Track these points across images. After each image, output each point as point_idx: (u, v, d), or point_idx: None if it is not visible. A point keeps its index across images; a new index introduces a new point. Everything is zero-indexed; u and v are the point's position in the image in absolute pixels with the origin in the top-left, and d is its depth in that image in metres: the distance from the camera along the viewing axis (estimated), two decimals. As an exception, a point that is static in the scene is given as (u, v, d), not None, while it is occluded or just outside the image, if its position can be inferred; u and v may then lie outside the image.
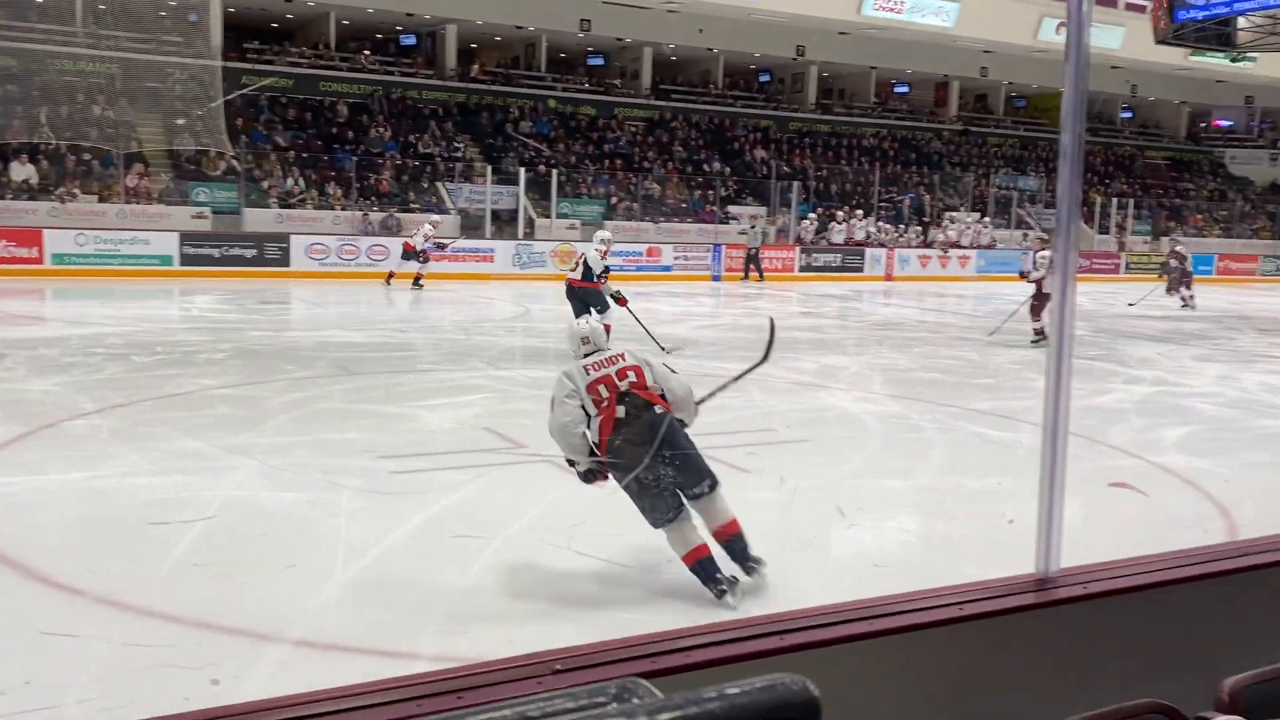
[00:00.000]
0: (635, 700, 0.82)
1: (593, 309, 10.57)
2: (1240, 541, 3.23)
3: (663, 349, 11.34)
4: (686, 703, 0.81)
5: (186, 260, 19.34)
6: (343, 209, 22.56)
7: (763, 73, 33.17)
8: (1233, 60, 22.94)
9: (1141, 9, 20.43)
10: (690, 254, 23.94)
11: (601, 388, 4.47)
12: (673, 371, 4.70)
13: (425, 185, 24.29)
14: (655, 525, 4.36)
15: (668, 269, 23.34)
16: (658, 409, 4.45)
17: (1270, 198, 36.37)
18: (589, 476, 4.51)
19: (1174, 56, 25.91)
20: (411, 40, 28.51)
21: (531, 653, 2.03)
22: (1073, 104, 2.50)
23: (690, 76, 31.73)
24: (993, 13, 26.85)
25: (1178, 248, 21.31)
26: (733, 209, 26.31)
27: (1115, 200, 31.19)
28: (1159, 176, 35.81)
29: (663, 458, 4.30)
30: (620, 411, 4.41)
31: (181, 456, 6.45)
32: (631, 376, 4.52)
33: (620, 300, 11.28)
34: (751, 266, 23.42)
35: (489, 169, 24.13)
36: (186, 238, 19.64)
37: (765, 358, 5.43)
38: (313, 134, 24.58)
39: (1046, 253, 13.00)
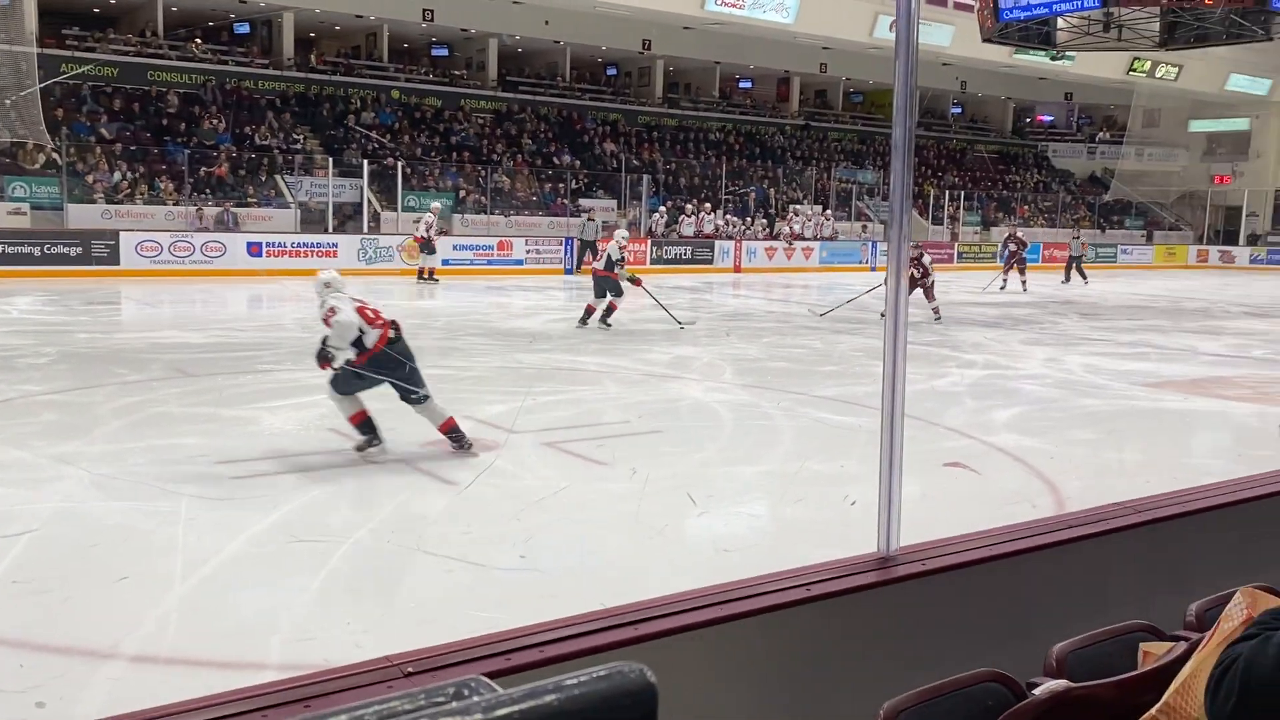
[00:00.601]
0: (475, 698, 0.80)
1: (608, 292, 13.63)
2: (1065, 515, 3.41)
3: (679, 324, 13.84)
4: (524, 696, 0.80)
5: (4, 259, 18.12)
6: (175, 204, 21.55)
7: (610, 66, 33.31)
8: (1053, 58, 24.25)
9: (970, 8, 21.34)
10: (542, 247, 23.85)
11: (369, 311, 6.42)
12: None
13: (263, 178, 23.43)
14: (340, 392, 6.47)
15: (519, 263, 23.20)
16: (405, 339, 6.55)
17: (1089, 189, 38.67)
18: (325, 358, 6.32)
19: (1000, 54, 27.28)
20: (245, 28, 27.43)
21: (381, 657, 1.98)
22: (904, 100, 2.59)
23: (537, 69, 31.59)
24: (831, 10, 27.64)
25: (1018, 233, 22.98)
26: (584, 202, 26.34)
27: (947, 192, 32.60)
28: (987, 169, 37.59)
29: (406, 369, 6.42)
30: (392, 333, 6.45)
31: (3, 468, 6.05)
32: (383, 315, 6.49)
33: (636, 282, 13.87)
34: (585, 258, 23.49)
35: (330, 161, 23.46)
36: (2, 235, 18.41)
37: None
38: (141, 125, 23.39)
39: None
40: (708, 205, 27.61)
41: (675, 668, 2.22)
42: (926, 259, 15.88)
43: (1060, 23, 14.37)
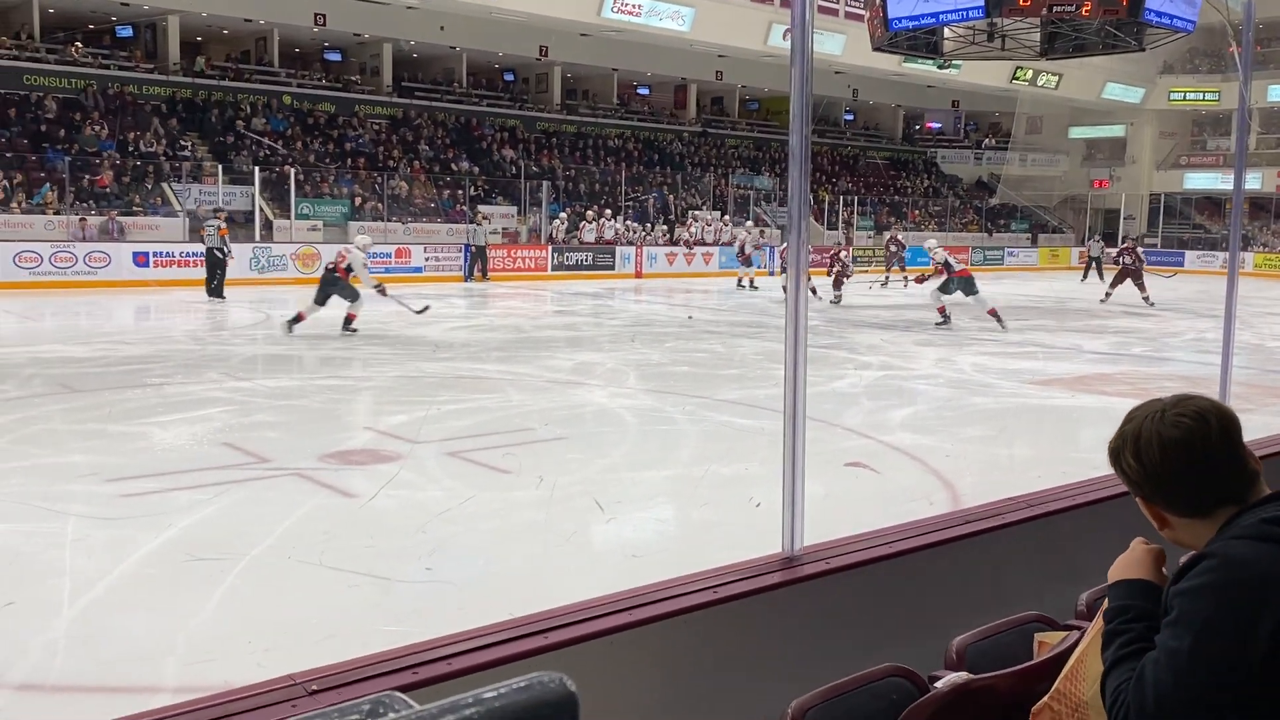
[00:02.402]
0: (390, 715, 0.79)
1: (338, 296, 13.70)
2: (962, 510, 3.51)
3: (415, 310, 14.31)
4: (443, 711, 0.79)
5: None
6: (56, 213, 20.70)
7: (507, 72, 33.15)
8: (940, 67, 24.95)
9: (860, 18, 21.81)
10: (441, 254, 23.60)
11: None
12: None
13: (150, 186, 22.67)
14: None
15: (418, 270, 22.91)
16: None
17: (976, 194, 39.89)
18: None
19: (890, 63, 27.90)
20: (128, 31, 26.52)
21: (284, 675, 1.93)
22: (800, 107, 2.64)
23: (434, 74, 31.25)
24: (726, 18, 27.97)
25: (898, 236, 24.08)
26: (483, 209, 26.14)
27: (842, 198, 33.28)
28: (880, 175, 38.50)
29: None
30: None
31: None
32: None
33: (381, 291, 14.34)
34: (477, 266, 23.35)
35: (220, 168, 22.83)
36: None
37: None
38: (17, 132, 22.40)
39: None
40: (608, 211, 27.68)
41: (586, 674, 2.21)
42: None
43: (947, 33, 14.75)
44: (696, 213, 29.90)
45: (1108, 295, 21.10)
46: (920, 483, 6.50)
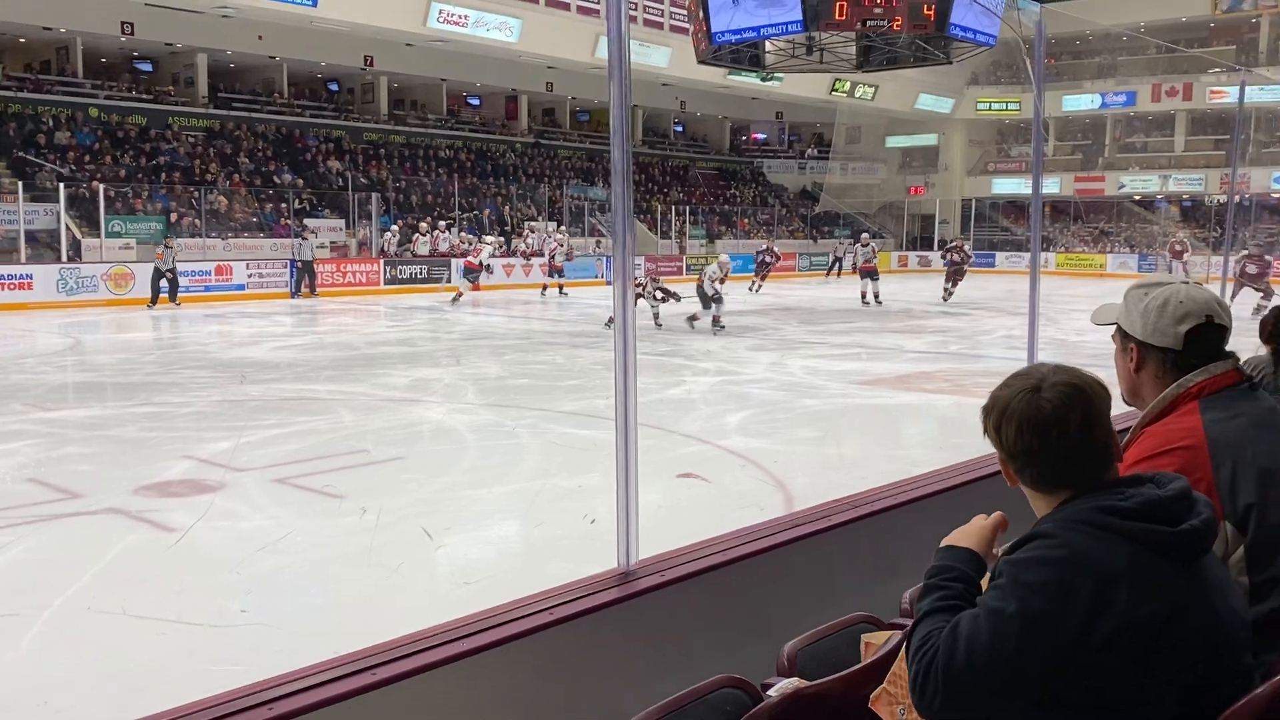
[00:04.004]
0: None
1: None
2: (792, 514, 3.58)
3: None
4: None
5: None
6: None
7: (331, 82, 32.26)
8: (763, 79, 25.68)
9: (685, 31, 22.22)
10: (265, 270, 22.73)
11: None
12: None
13: (-61, 205, 21.03)
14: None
15: (241, 287, 21.99)
16: None
17: (802, 202, 41.19)
18: None
19: (715, 75, 28.50)
20: (-91, 38, 24.59)
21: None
22: (620, 121, 2.63)
23: (253, 84, 30.10)
24: (553, 30, 28.02)
25: (774, 247, 25.52)
26: (309, 222, 25.33)
27: (673, 208, 33.80)
28: (709, 185, 39.28)
29: None
30: None
31: None
32: None
33: None
34: (305, 281, 22.64)
35: (20, 185, 21.33)
36: None
37: None
38: None
39: None
40: (442, 224, 27.26)
41: (418, 710, 2.14)
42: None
43: (768, 46, 15.17)
44: (533, 224, 29.79)
45: (948, 293, 22.19)
46: (755, 486, 6.63)
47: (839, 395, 10.57)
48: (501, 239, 22.57)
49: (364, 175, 28.55)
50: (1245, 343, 2.39)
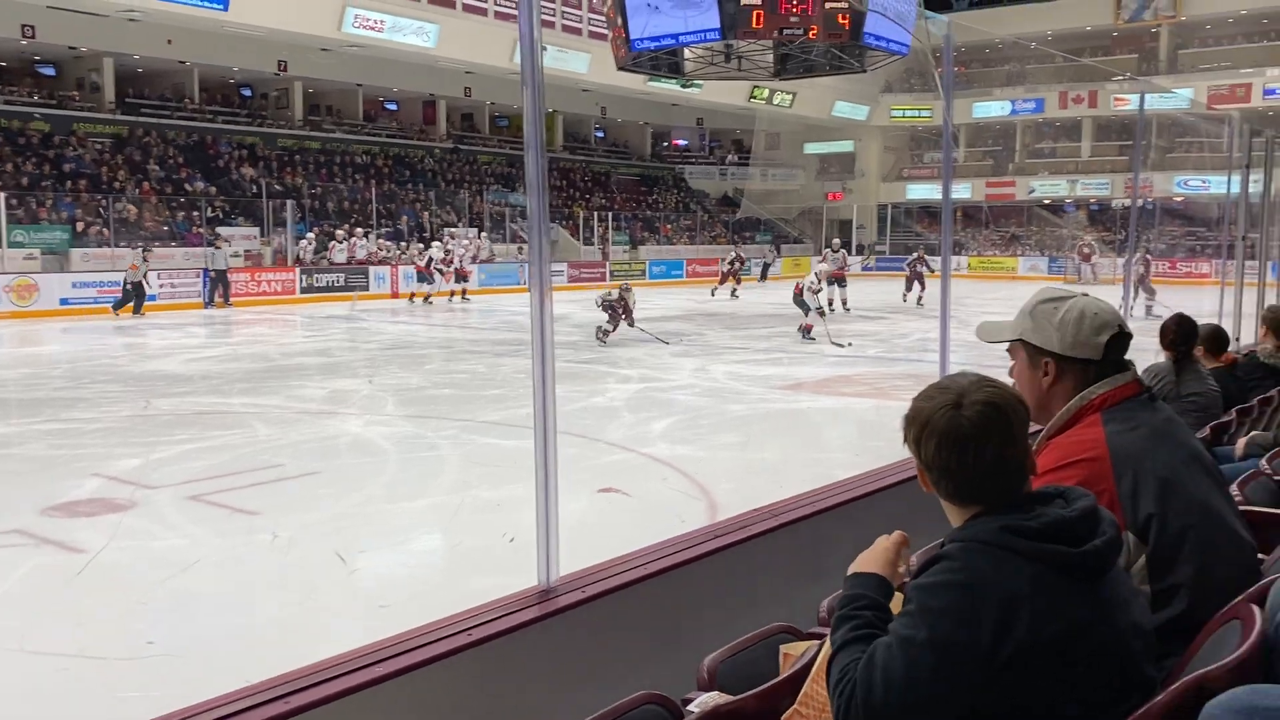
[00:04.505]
0: None
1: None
2: (713, 525, 3.59)
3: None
4: None
5: None
6: None
7: (244, 87, 31.58)
8: (683, 86, 25.73)
9: (604, 37, 22.21)
10: (177, 280, 22.14)
11: None
12: None
13: None
14: None
15: (153, 298, 21.36)
16: None
17: (723, 208, 41.51)
18: None
19: (635, 82, 28.53)
20: None
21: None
22: (534, 127, 2.61)
23: (162, 90, 29.31)
24: (471, 35, 27.81)
25: (740, 252, 26.74)
26: (223, 230, 24.76)
27: (596, 213, 33.80)
28: (632, 191, 39.36)
29: None
30: None
31: None
32: None
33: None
34: (218, 291, 22.13)
35: (-86, 194, 20.52)
36: None
37: None
38: None
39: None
40: (359, 230, 26.85)
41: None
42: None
43: (687, 53, 15.28)
44: (453, 230, 29.52)
45: (919, 300, 22.58)
46: (679, 494, 6.65)
47: (761, 400, 10.66)
48: (451, 240, 22.43)
49: (279, 182, 28.00)
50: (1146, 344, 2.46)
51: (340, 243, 25.70)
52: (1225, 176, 9.42)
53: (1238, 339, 8.32)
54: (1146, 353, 4.60)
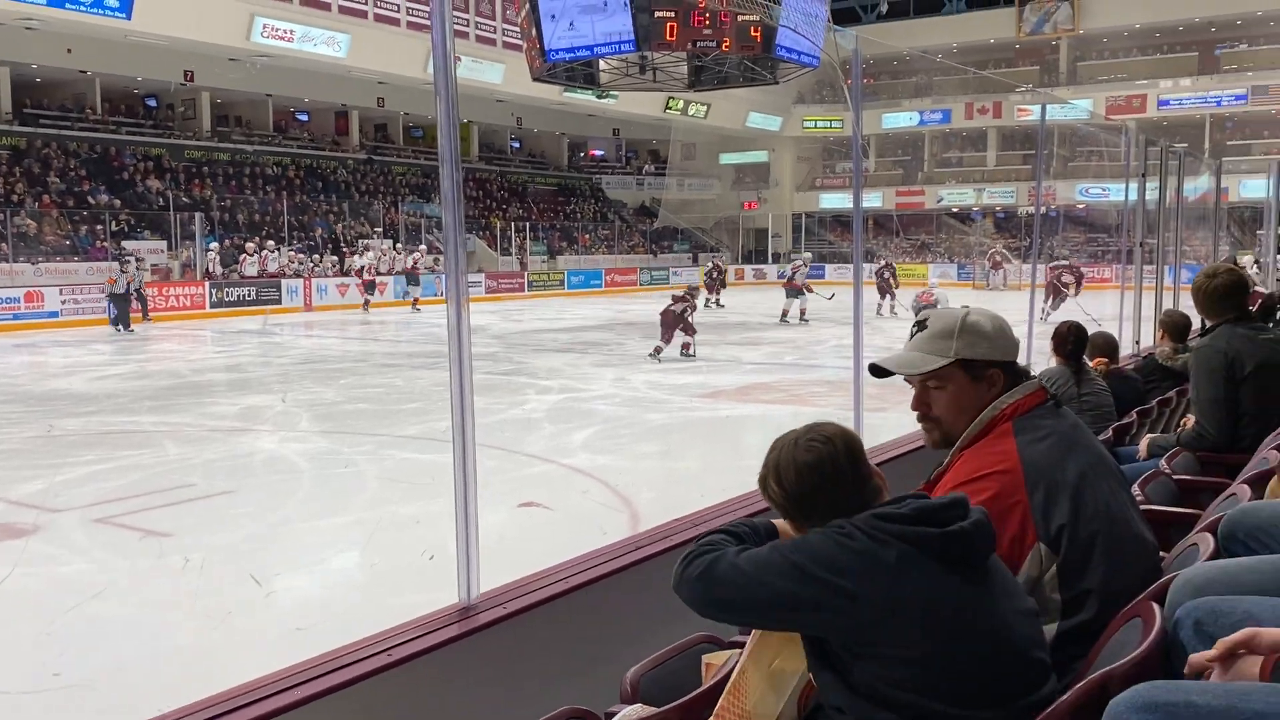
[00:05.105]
0: None
1: None
2: (635, 536, 3.59)
3: None
4: None
5: None
6: None
7: (149, 97, 30.76)
8: (599, 97, 25.88)
9: (519, 47, 22.11)
10: (81, 296, 21.43)
11: None
12: None
13: None
14: None
15: (54, 315, 20.67)
16: None
17: (641, 218, 41.68)
18: None
19: (551, 92, 28.53)
20: None
21: None
22: (449, 139, 2.59)
23: (62, 100, 28.40)
24: (384, 45, 27.49)
25: (719, 262, 26.65)
26: (128, 244, 24.07)
27: (513, 224, 33.67)
28: (549, 201, 39.30)
29: None
30: None
31: None
32: None
33: None
34: (134, 309, 21.38)
35: None
36: None
37: None
38: None
39: None
40: (271, 243, 26.33)
41: (251, 764, 2.05)
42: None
43: (602, 64, 15.31)
44: (368, 241, 29.12)
45: (893, 309, 22.81)
46: (601, 505, 6.65)
47: (681, 409, 10.71)
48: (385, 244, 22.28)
49: (186, 194, 27.34)
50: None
51: (251, 255, 25.16)
52: (1123, 184, 9.74)
53: (1137, 341, 8.63)
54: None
